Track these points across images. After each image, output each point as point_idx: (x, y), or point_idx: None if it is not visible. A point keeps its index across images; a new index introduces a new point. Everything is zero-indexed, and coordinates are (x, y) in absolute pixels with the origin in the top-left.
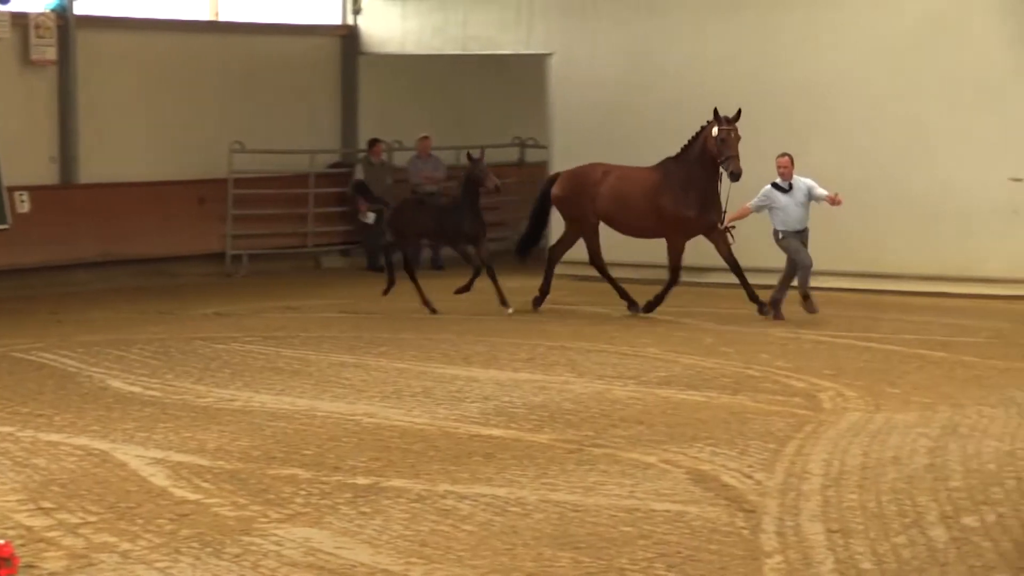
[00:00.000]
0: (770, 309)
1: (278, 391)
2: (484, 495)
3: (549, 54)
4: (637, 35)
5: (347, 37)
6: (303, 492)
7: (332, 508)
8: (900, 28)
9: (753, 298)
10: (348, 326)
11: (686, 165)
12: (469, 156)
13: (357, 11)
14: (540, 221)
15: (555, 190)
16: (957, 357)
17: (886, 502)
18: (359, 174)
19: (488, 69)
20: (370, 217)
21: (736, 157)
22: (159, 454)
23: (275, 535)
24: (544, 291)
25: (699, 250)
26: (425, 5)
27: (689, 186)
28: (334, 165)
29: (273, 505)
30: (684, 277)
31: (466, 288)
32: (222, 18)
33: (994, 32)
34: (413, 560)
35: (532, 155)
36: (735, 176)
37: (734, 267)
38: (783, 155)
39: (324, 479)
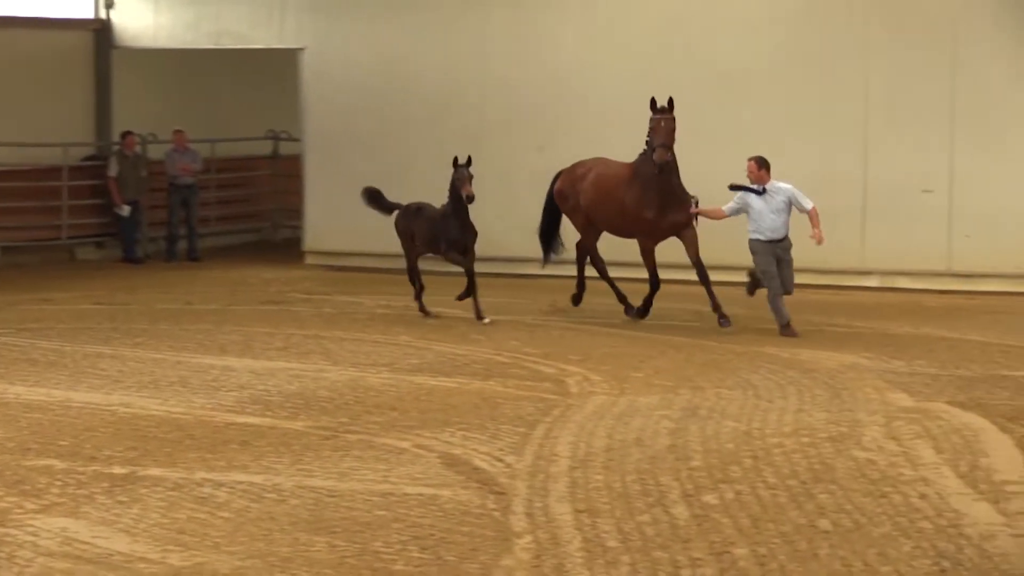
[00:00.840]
0: (786, 332)
1: (33, 382)
2: (241, 482)
3: (301, 49)
4: (389, 31)
5: (100, 31)
6: (59, 482)
7: (88, 498)
8: (648, 25)
9: (715, 308)
10: (103, 317)
11: (648, 162)
12: (455, 161)
13: (109, 5)
14: (550, 216)
15: (557, 184)
16: (697, 342)
17: (630, 482)
18: (112, 166)
19: (242, 63)
20: (125, 210)
21: (664, 146)
22: None
23: (31, 526)
24: (580, 287)
25: None
26: (178, 0)
27: (649, 185)
28: (88, 158)
29: (29, 496)
30: (434, 266)
31: (466, 294)
32: None
33: (740, 25)
34: (171, 548)
35: (286, 148)
36: (659, 167)
37: (700, 273)
38: (751, 158)
39: (80, 469)
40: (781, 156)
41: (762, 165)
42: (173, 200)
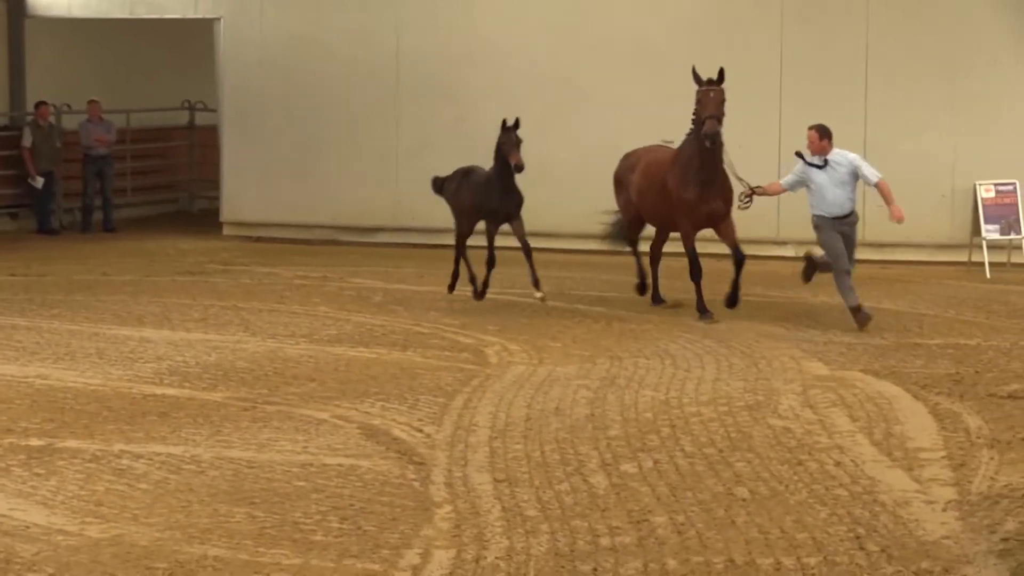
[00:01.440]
0: (858, 318)
1: None
2: (159, 454)
3: (217, 18)
4: (304, 5)
5: (13, 1)
6: None
7: (5, 470)
8: None
9: (731, 301)
10: (19, 289)
11: (690, 141)
12: (503, 124)
13: None
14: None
15: (615, 171)
16: (613, 312)
17: (549, 451)
18: (26, 137)
19: (157, 33)
20: (39, 181)
21: (714, 117)
22: None
23: None
24: (651, 282)
25: (367, 210)
26: None
27: (690, 164)
28: (1, 128)
29: None
30: (352, 237)
31: (533, 277)
32: None
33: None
34: (89, 520)
35: (202, 118)
36: (708, 137)
37: (737, 261)
38: (811, 127)
39: None
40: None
41: (824, 134)
42: (88, 171)
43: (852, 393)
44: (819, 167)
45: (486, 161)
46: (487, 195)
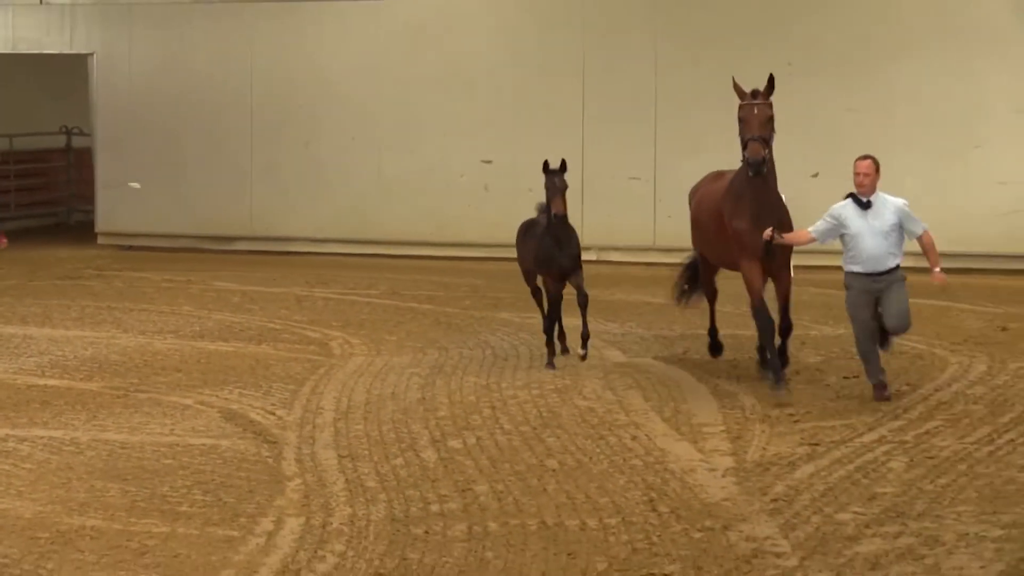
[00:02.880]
0: (880, 395)
1: None
2: (41, 437)
3: (90, 54)
4: (167, 38)
5: None
6: None
7: None
8: (394, 30)
9: (773, 365)
10: None
11: (743, 168)
12: (545, 166)
13: None
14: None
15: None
16: (441, 309)
17: (386, 431)
18: None
19: (39, 66)
20: None
21: (757, 140)
22: None
23: None
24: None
25: (225, 221)
26: None
27: (743, 191)
28: None
29: None
30: (212, 245)
31: (584, 336)
32: None
33: (474, 32)
34: None
35: (78, 141)
36: (751, 166)
37: (784, 325)
38: (863, 157)
39: None
40: (514, 145)
41: (878, 167)
42: None
43: (646, 377)
44: (863, 207)
45: (334, 180)
46: (539, 250)
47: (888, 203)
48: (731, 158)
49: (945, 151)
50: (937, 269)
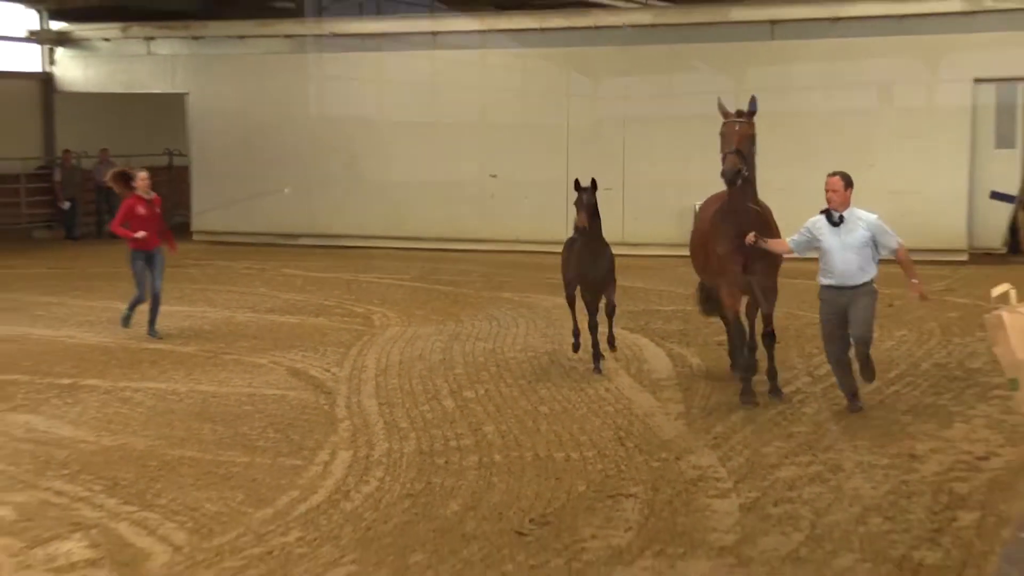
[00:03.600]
0: (852, 405)
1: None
2: (151, 388)
3: (186, 93)
4: (246, 81)
5: (45, 80)
6: (23, 391)
7: (45, 400)
8: (419, 81)
9: (772, 381)
10: (52, 278)
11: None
12: (576, 184)
13: (52, 62)
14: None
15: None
16: (458, 290)
17: (415, 384)
18: (58, 174)
19: (147, 102)
20: (66, 204)
21: (734, 152)
22: None
23: (3, 421)
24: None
25: (289, 222)
26: (97, 59)
27: (726, 215)
28: (40, 168)
29: (2, 400)
30: (282, 241)
31: (609, 339)
32: None
33: (482, 77)
34: (103, 433)
35: (178, 161)
36: (725, 175)
37: (768, 342)
38: (833, 174)
39: (38, 381)
40: (514, 162)
41: (849, 183)
42: (99, 199)
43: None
44: (836, 224)
45: (374, 190)
46: (575, 264)
47: (861, 218)
48: (684, 168)
49: (849, 169)
50: (915, 281)
